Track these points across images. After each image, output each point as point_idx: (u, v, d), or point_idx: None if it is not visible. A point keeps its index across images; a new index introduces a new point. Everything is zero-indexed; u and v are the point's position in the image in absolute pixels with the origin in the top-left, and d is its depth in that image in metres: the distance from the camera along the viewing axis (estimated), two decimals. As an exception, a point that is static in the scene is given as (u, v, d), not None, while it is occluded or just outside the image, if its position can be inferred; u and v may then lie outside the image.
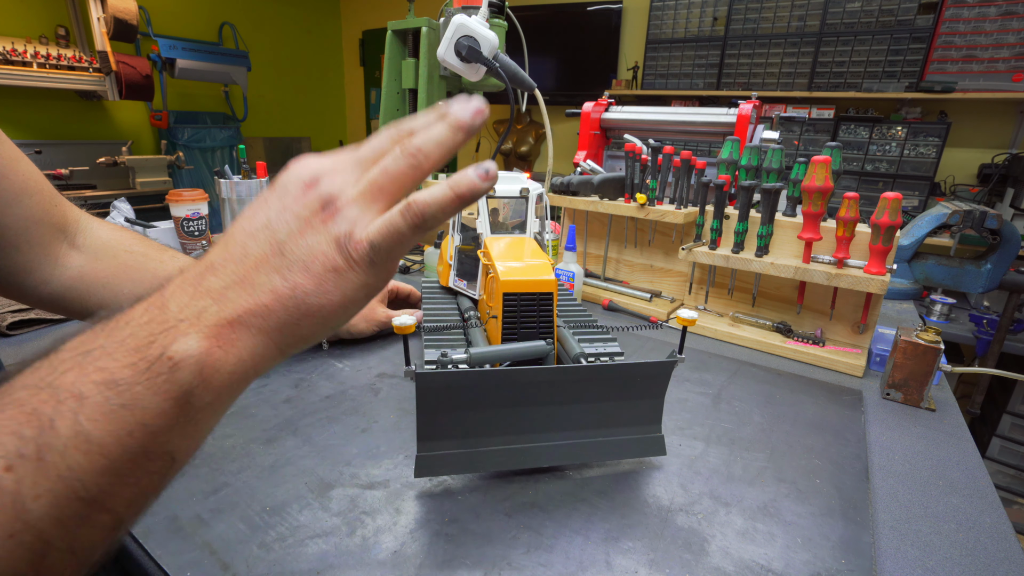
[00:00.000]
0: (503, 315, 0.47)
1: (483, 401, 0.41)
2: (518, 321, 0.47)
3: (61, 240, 0.49)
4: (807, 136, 2.60)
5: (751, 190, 0.73)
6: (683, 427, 0.54)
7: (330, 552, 0.36)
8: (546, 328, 0.48)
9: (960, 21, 2.25)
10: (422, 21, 1.23)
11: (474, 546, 0.37)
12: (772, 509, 0.43)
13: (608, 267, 1.01)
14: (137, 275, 0.53)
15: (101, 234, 0.53)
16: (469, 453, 0.42)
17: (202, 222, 1.02)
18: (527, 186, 0.58)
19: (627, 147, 0.89)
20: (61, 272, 0.49)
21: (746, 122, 1.06)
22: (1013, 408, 1.82)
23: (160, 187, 2.67)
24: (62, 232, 0.49)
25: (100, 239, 0.52)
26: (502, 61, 1.01)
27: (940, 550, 0.40)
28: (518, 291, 0.46)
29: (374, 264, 0.25)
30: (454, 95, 1.40)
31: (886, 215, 0.64)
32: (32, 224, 0.46)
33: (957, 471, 0.50)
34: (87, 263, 0.50)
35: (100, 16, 2.46)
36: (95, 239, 0.52)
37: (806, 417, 0.57)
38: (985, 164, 2.39)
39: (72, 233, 0.51)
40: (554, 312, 0.48)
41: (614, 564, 0.36)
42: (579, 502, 0.42)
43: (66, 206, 0.50)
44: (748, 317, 0.81)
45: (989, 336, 1.60)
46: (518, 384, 0.41)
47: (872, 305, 0.72)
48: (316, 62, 4.42)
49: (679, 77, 2.93)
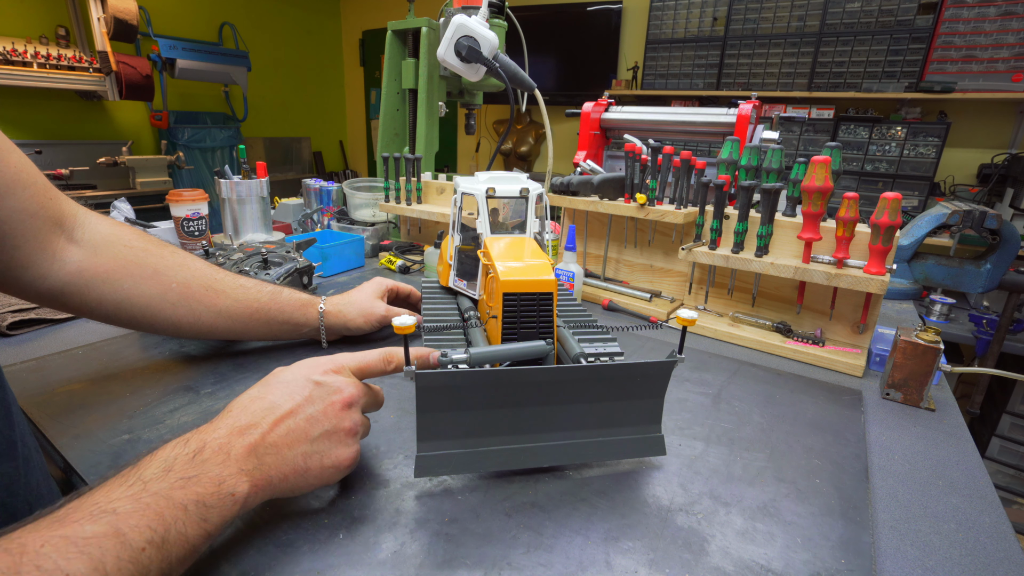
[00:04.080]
0: (503, 315, 0.47)
1: (483, 401, 0.41)
2: (518, 321, 0.47)
3: (58, 234, 0.48)
4: (807, 136, 2.61)
5: (751, 190, 0.73)
6: (683, 427, 0.54)
7: (330, 552, 0.36)
8: (546, 328, 0.48)
9: (960, 21, 2.25)
10: (422, 21, 1.24)
11: (474, 546, 0.37)
12: (772, 509, 0.43)
13: (608, 267, 1.01)
14: (137, 271, 0.52)
15: (100, 228, 0.52)
16: (469, 453, 0.42)
17: (202, 222, 1.02)
18: (527, 186, 0.58)
19: (627, 147, 0.89)
20: (59, 267, 0.48)
21: (746, 122, 1.06)
22: (1013, 408, 1.82)
23: (160, 187, 2.67)
24: (59, 226, 0.48)
25: (99, 233, 0.51)
26: (502, 61, 1.01)
27: (940, 550, 0.40)
28: (518, 291, 0.46)
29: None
30: (454, 95, 1.41)
31: (886, 215, 0.64)
32: (27, 217, 0.45)
33: (957, 471, 0.50)
34: (86, 258, 0.50)
35: (100, 16, 2.46)
36: (94, 233, 0.51)
37: (806, 417, 0.57)
38: (985, 164, 2.39)
39: (70, 227, 0.50)
40: (554, 312, 0.48)
41: (614, 564, 0.36)
42: (579, 502, 0.42)
43: (62, 200, 0.50)
44: (748, 317, 0.81)
45: (989, 336, 1.60)
46: (518, 384, 0.41)
47: (872, 305, 0.72)
48: (316, 62, 4.42)
49: (679, 77, 2.93)
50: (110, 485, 0.30)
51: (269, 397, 0.38)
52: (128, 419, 0.51)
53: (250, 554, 0.35)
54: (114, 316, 0.53)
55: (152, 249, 0.55)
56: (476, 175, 0.63)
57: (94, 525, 0.27)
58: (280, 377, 0.40)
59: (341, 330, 0.66)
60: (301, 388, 0.39)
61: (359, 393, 0.41)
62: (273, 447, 0.36)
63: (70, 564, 0.25)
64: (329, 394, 0.39)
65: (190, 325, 0.56)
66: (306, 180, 1.42)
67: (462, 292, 0.64)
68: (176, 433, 0.48)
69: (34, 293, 0.48)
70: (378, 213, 1.27)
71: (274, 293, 0.62)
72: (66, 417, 0.51)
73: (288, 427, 0.37)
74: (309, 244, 0.95)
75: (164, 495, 0.30)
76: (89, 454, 0.45)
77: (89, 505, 0.28)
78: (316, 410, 0.38)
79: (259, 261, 0.80)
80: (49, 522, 0.27)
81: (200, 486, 0.31)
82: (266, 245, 0.87)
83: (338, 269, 1.04)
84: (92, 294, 0.50)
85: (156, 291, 0.53)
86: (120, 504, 0.28)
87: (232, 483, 0.33)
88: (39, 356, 0.64)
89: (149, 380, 0.59)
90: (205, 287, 0.56)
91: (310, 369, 0.40)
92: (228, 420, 0.36)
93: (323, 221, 1.33)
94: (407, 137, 1.39)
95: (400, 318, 0.37)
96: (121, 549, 0.27)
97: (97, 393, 0.56)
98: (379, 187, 1.27)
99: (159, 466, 0.31)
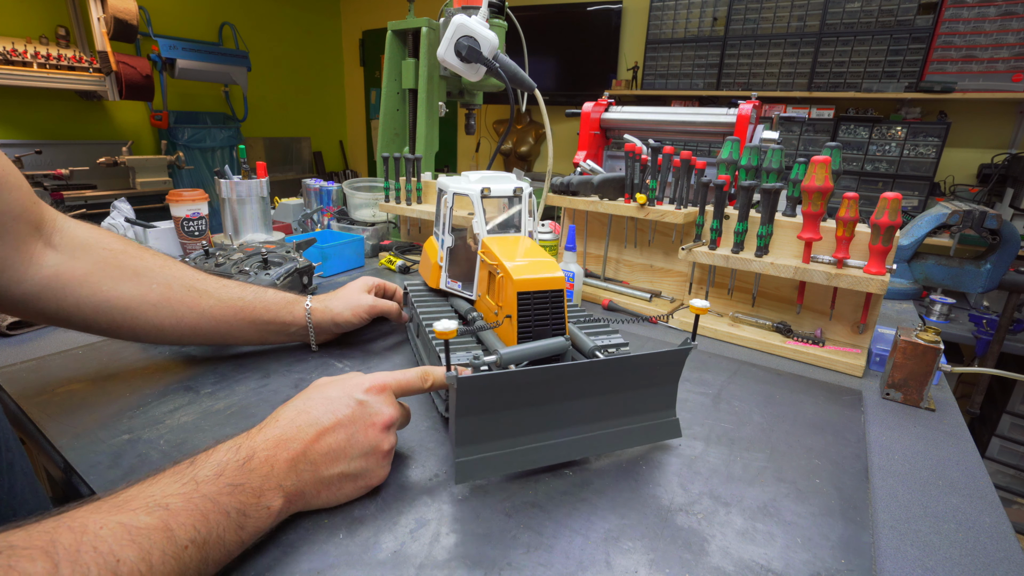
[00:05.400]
0: (518, 314, 0.47)
1: (517, 400, 0.41)
2: (532, 319, 0.48)
3: (37, 238, 0.48)
4: (807, 136, 2.60)
5: (751, 190, 0.73)
6: (683, 427, 0.54)
7: (330, 552, 0.36)
8: (558, 324, 0.49)
9: (960, 21, 2.25)
10: (422, 21, 1.24)
11: (474, 546, 0.37)
12: (772, 509, 0.43)
13: (608, 267, 1.01)
14: (116, 272, 0.51)
15: (78, 233, 0.51)
16: (506, 454, 0.42)
17: (202, 222, 1.02)
18: (520, 185, 0.59)
19: (627, 147, 0.89)
20: (36, 271, 0.47)
21: (746, 122, 1.06)
22: (1013, 408, 1.82)
23: (160, 187, 2.67)
24: (38, 230, 0.48)
25: (77, 238, 0.51)
26: (502, 61, 1.01)
27: (940, 550, 0.40)
28: (531, 289, 0.47)
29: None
30: (454, 95, 1.40)
31: (886, 215, 0.64)
32: (10, 220, 0.44)
33: (957, 471, 0.50)
34: (63, 262, 0.49)
35: (100, 16, 2.45)
36: (72, 238, 0.50)
37: (806, 417, 0.57)
38: (985, 164, 2.39)
39: (48, 232, 0.49)
40: (565, 308, 0.49)
41: (614, 564, 0.36)
42: (579, 502, 0.42)
43: (43, 206, 0.49)
44: (748, 317, 0.81)
45: (989, 336, 1.60)
46: (551, 381, 0.42)
47: (872, 305, 0.72)
48: (316, 62, 4.42)
49: (679, 77, 2.93)
50: (166, 479, 0.32)
51: (313, 412, 0.39)
52: (128, 419, 0.51)
53: (250, 554, 0.35)
54: (93, 321, 0.51)
55: (131, 251, 0.54)
56: (466, 175, 0.62)
57: (148, 517, 0.29)
58: (324, 391, 0.41)
59: (329, 326, 0.64)
60: (344, 406, 0.40)
61: (398, 415, 0.42)
62: (312, 464, 0.37)
63: (122, 550, 0.27)
64: (371, 415, 0.40)
65: (172, 327, 0.54)
66: (306, 180, 1.42)
67: (456, 294, 0.63)
68: (176, 433, 0.49)
69: (9, 299, 0.47)
70: (378, 213, 1.27)
71: (258, 292, 0.61)
72: (66, 417, 0.51)
73: (328, 444, 0.38)
74: (309, 244, 0.95)
75: (212, 498, 0.32)
76: (89, 454, 0.45)
77: (145, 496, 0.30)
78: (357, 430, 0.39)
79: (259, 261, 0.80)
80: (109, 506, 0.29)
81: (244, 495, 0.33)
82: (266, 245, 0.87)
83: (338, 269, 1.04)
84: (70, 298, 0.49)
85: (136, 292, 0.52)
86: (172, 500, 0.30)
87: (270, 497, 0.35)
88: (39, 356, 0.64)
89: (149, 380, 0.59)
90: (187, 287, 0.55)
91: (353, 387, 0.41)
92: (275, 431, 0.37)
93: (323, 221, 1.33)
94: (407, 137, 1.39)
95: (442, 322, 0.37)
96: (167, 544, 0.28)
97: (97, 393, 0.55)
98: (379, 187, 1.27)
99: (212, 469, 0.33)
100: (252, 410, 0.53)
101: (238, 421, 0.51)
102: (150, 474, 0.33)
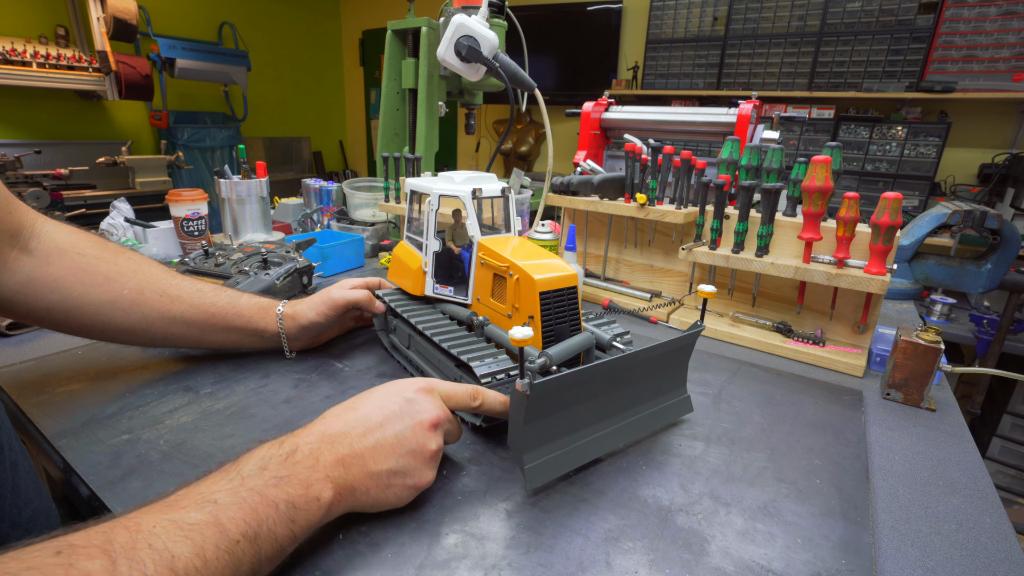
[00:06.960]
0: (541, 314, 0.48)
1: (571, 399, 0.43)
2: (553, 317, 0.49)
3: (12, 246, 0.49)
4: (807, 136, 2.60)
5: (751, 190, 0.73)
6: (683, 427, 0.54)
7: (330, 552, 0.36)
8: (575, 320, 0.50)
9: (960, 21, 2.25)
10: (422, 21, 1.23)
11: (474, 546, 0.37)
12: (772, 509, 0.43)
13: (608, 267, 1.01)
14: (88, 278, 0.52)
15: (56, 237, 0.52)
16: (566, 452, 0.43)
17: (202, 222, 1.02)
18: (506, 184, 0.59)
19: (627, 147, 0.89)
20: (8, 277, 0.49)
21: (746, 122, 1.06)
22: (1013, 408, 1.82)
23: (160, 187, 2.67)
24: (14, 238, 0.49)
25: (54, 242, 0.52)
26: (502, 61, 1.01)
27: (940, 550, 0.40)
28: (551, 288, 0.48)
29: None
30: (454, 95, 1.40)
31: (886, 215, 0.64)
32: None
33: (957, 471, 0.50)
34: (37, 267, 0.50)
35: (100, 16, 2.45)
36: (48, 243, 0.51)
37: (806, 417, 0.57)
38: (985, 164, 2.39)
39: (25, 238, 0.50)
40: (579, 304, 0.51)
41: (614, 564, 0.36)
42: (579, 502, 0.42)
43: (22, 212, 0.50)
44: (748, 317, 0.81)
45: (989, 336, 1.60)
46: (602, 375, 0.43)
47: (872, 305, 0.72)
48: (316, 62, 4.42)
49: (679, 77, 2.93)
50: (213, 477, 0.33)
51: (361, 409, 0.39)
52: (128, 419, 0.51)
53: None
54: (64, 324, 0.53)
55: (106, 256, 0.54)
56: (445, 175, 0.61)
57: (198, 513, 0.29)
58: (371, 394, 0.42)
59: (297, 332, 0.62)
60: (391, 403, 0.40)
61: (445, 417, 0.42)
62: (359, 458, 0.37)
63: (176, 547, 0.27)
64: (418, 412, 0.40)
65: (143, 331, 0.55)
66: (306, 180, 1.42)
67: (446, 299, 0.60)
68: (175, 433, 0.49)
69: None
70: (378, 213, 1.27)
71: (232, 298, 0.60)
72: (66, 417, 0.51)
73: (376, 440, 0.38)
74: (309, 244, 0.95)
75: (259, 491, 0.32)
76: (89, 454, 0.45)
77: (195, 494, 0.31)
78: (404, 426, 0.39)
79: (259, 261, 0.80)
80: (161, 506, 0.30)
81: (291, 487, 0.33)
82: (266, 245, 0.87)
83: (338, 269, 1.04)
84: (40, 303, 0.50)
85: (107, 298, 0.53)
86: (220, 496, 0.31)
87: (318, 488, 0.34)
88: (39, 356, 0.64)
89: (149, 380, 0.59)
90: (159, 292, 0.56)
91: (402, 387, 0.42)
92: (320, 427, 0.38)
93: (323, 221, 1.33)
94: (407, 137, 1.39)
95: (516, 329, 0.35)
96: (220, 538, 0.29)
97: (97, 393, 0.55)
98: (379, 187, 1.27)
99: (256, 463, 0.34)
100: (252, 410, 0.53)
101: (238, 421, 0.51)
102: (198, 476, 0.33)
